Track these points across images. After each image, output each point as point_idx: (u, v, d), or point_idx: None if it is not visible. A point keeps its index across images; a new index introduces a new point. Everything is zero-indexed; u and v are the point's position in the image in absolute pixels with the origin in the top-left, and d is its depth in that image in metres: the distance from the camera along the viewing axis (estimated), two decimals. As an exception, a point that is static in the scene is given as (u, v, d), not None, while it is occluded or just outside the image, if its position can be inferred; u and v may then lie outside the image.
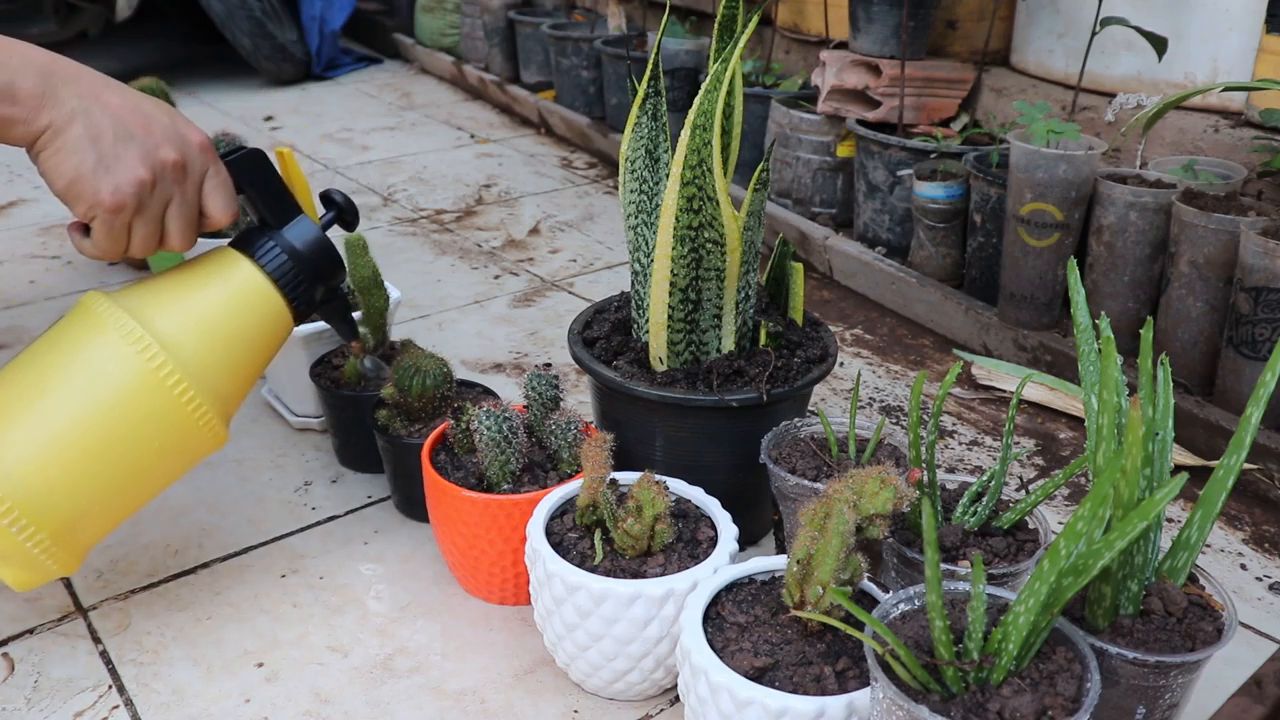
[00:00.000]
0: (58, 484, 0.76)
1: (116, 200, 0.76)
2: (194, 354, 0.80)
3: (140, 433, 0.79)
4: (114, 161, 0.75)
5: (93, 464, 0.78)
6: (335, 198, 0.91)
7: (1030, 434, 1.26)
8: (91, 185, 0.75)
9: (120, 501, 0.81)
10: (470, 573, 0.95)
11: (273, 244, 0.85)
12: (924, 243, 1.56)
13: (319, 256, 0.86)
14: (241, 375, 0.85)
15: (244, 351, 0.84)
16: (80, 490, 0.78)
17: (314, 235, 0.86)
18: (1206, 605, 0.70)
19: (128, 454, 0.79)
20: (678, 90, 2.13)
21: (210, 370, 0.81)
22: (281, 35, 2.93)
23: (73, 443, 0.77)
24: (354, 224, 0.92)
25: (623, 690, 0.83)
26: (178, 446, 0.82)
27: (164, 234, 0.81)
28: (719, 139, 0.86)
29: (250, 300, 0.84)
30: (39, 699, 0.85)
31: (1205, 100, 1.44)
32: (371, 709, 0.84)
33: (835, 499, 0.67)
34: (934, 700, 0.60)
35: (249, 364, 0.85)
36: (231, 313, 0.83)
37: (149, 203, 0.78)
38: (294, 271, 0.85)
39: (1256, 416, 0.67)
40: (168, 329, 0.80)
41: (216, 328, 0.82)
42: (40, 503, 0.76)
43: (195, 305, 0.82)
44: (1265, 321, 1.12)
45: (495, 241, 1.86)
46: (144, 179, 0.76)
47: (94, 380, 0.78)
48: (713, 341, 0.97)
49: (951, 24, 1.78)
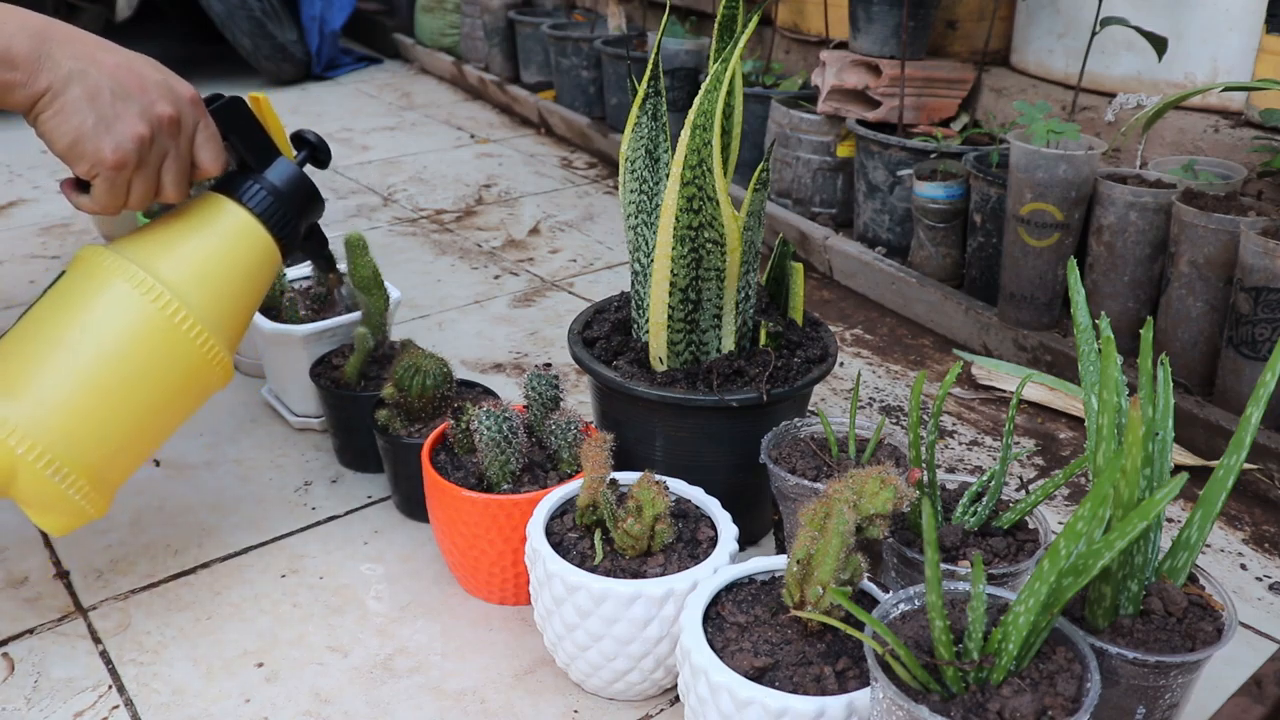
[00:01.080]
0: (89, 430, 0.81)
1: (119, 158, 0.78)
2: (198, 294, 0.85)
3: (158, 373, 0.84)
4: (114, 120, 0.78)
5: (118, 407, 0.82)
6: (308, 137, 0.96)
7: (1030, 434, 1.26)
8: (94, 144, 0.77)
9: (144, 440, 0.86)
10: (470, 573, 0.95)
11: (256, 185, 0.90)
12: (924, 243, 1.56)
13: (300, 193, 0.92)
14: (241, 310, 0.90)
15: (241, 288, 0.89)
16: (109, 433, 0.82)
17: (293, 173, 0.91)
18: (1206, 605, 0.70)
19: (148, 394, 0.84)
20: (678, 90, 2.13)
21: (214, 308, 0.86)
22: (281, 35, 2.93)
23: (97, 390, 0.81)
24: (327, 161, 0.97)
25: (623, 690, 0.83)
26: (192, 382, 0.87)
27: (160, 186, 0.84)
28: (719, 139, 0.86)
29: (241, 240, 0.88)
30: (39, 699, 0.85)
31: (1205, 100, 1.44)
32: (371, 709, 0.84)
33: (835, 499, 0.67)
34: (934, 700, 0.60)
35: (246, 299, 0.90)
36: (226, 253, 0.88)
37: (148, 158, 0.81)
38: (278, 209, 0.90)
39: (1256, 416, 0.67)
40: (171, 273, 0.84)
41: (214, 268, 0.87)
42: (76, 450, 0.80)
43: (192, 249, 0.86)
44: (1265, 321, 1.12)
45: (495, 241, 1.86)
46: (144, 135, 0.79)
47: (110, 328, 0.82)
48: (713, 341, 0.97)
49: (951, 24, 1.78)
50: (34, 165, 2.23)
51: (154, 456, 1.17)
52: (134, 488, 1.11)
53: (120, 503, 1.09)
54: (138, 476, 1.13)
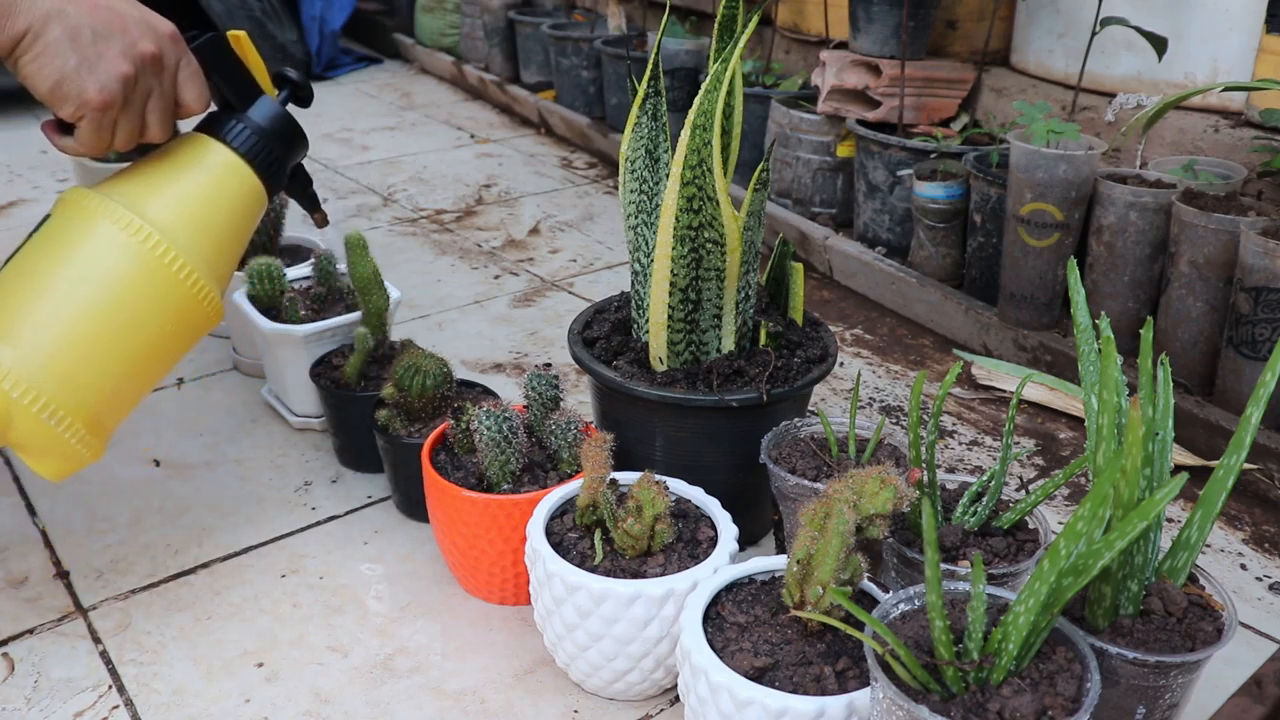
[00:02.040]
0: (84, 373, 0.81)
1: (104, 98, 0.77)
2: (186, 234, 0.84)
3: (150, 313, 0.83)
4: (96, 60, 0.77)
5: (111, 349, 0.82)
6: (289, 75, 0.95)
7: (1030, 434, 1.26)
8: (77, 85, 0.76)
9: (139, 382, 0.86)
10: (470, 573, 0.95)
11: (240, 125, 0.89)
12: (924, 243, 1.56)
13: (284, 131, 0.91)
14: (229, 250, 0.90)
15: (229, 227, 0.89)
16: (104, 376, 0.82)
17: (276, 112, 0.91)
18: (1206, 605, 0.70)
19: (141, 335, 0.83)
20: (678, 90, 2.13)
21: (202, 247, 0.86)
22: (281, 35, 2.93)
23: (90, 332, 0.81)
24: (309, 99, 0.96)
25: (623, 690, 0.83)
26: (184, 322, 0.86)
27: (144, 126, 0.82)
28: (719, 139, 0.86)
29: (228, 179, 0.88)
30: (39, 699, 0.85)
31: (1205, 100, 1.44)
32: (371, 709, 0.84)
33: (835, 499, 0.67)
34: (934, 700, 0.60)
35: (235, 238, 0.90)
36: (213, 192, 0.87)
37: (133, 97, 0.80)
38: (263, 148, 0.90)
39: (1256, 416, 0.67)
40: (158, 214, 0.83)
41: (202, 208, 0.86)
42: (71, 394, 0.80)
43: (179, 189, 0.86)
44: (1265, 321, 1.12)
45: (495, 241, 1.86)
46: (128, 74, 0.78)
47: (99, 270, 0.81)
48: (713, 341, 0.97)
49: (951, 24, 1.78)
50: (34, 165, 2.23)
51: (154, 456, 1.17)
52: (134, 488, 1.11)
53: (120, 503, 1.09)
54: (138, 476, 1.13)
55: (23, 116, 2.62)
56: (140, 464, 1.15)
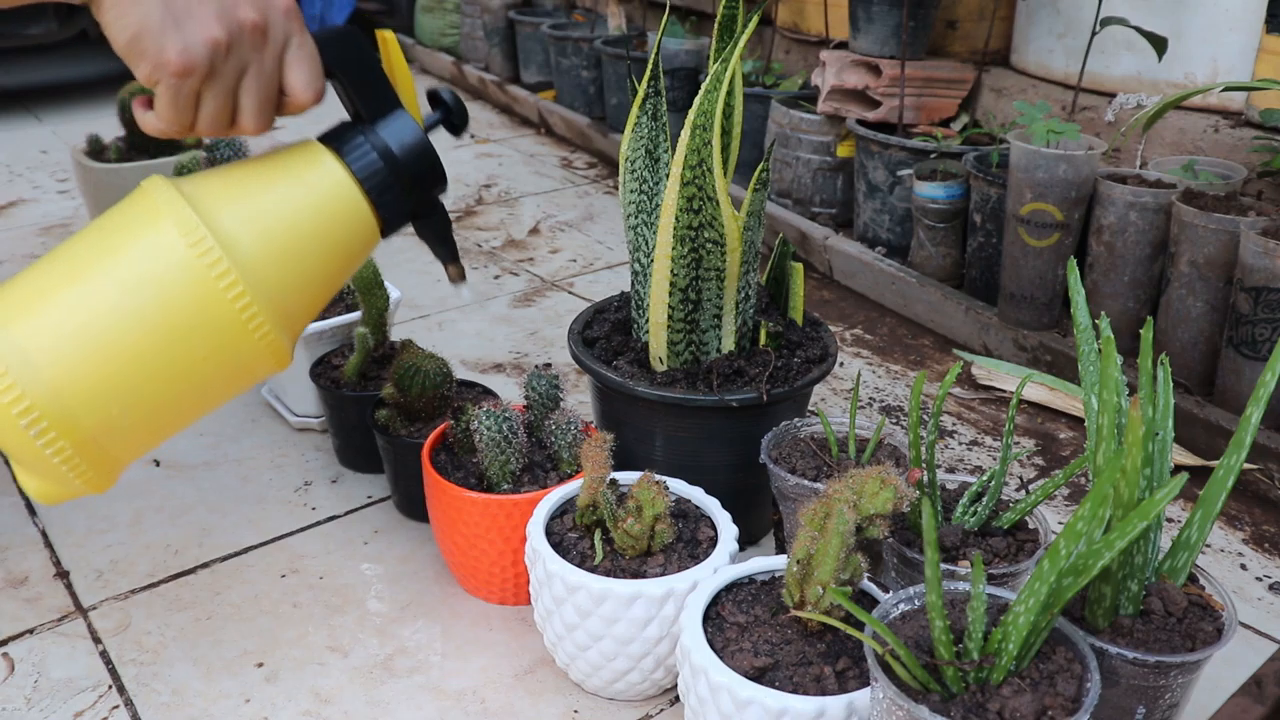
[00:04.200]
0: (85, 385, 0.67)
1: (185, 61, 0.65)
2: (257, 257, 0.70)
3: (185, 340, 0.69)
4: (185, 17, 0.65)
5: (127, 368, 0.68)
6: (444, 97, 0.79)
7: (1030, 434, 1.26)
8: (157, 42, 0.65)
9: (159, 416, 0.72)
10: (470, 573, 0.95)
11: (364, 141, 0.73)
12: (924, 243, 1.56)
13: (417, 161, 0.74)
14: (312, 289, 0.73)
15: (318, 261, 0.73)
16: (111, 396, 0.68)
17: (414, 136, 0.74)
18: (1206, 605, 0.70)
19: (169, 362, 0.69)
20: (678, 90, 2.13)
21: (274, 278, 0.70)
22: (281, 35, 2.92)
23: (107, 340, 0.67)
24: (462, 128, 0.80)
25: (623, 690, 0.83)
26: (230, 363, 0.71)
27: (236, 110, 0.70)
28: (719, 139, 0.86)
29: (332, 204, 0.72)
30: (39, 699, 0.85)
31: (1205, 100, 1.44)
32: (371, 709, 0.84)
33: (835, 499, 0.67)
34: (934, 700, 0.60)
35: (323, 276, 0.74)
36: (307, 215, 0.72)
37: (222, 69, 0.67)
38: (386, 176, 0.73)
39: (1256, 416, 0.67)
40: (231, 225, 0.69)
41: (287, 230, 0.71)
42: (64, 405, 0.67)
43: (266, 202, 0.71)
44: (1265, 321, 1.12)
45: (495, 241, 1.86)
46: (218, 39, 0.66)
47: (141, 276, 0.68)
48: (713, 341, 0.97)
49: (951, 24, 1.78)
50: (34, 165, 2.23)
51: (154, 456, 1.17)
52: (134, 488, 1.11)
53: (120, 503, 1.09)
54: (138, 476, 1.13)
55: (23, 116, 2.62)
56: (140, 464, 1.15)
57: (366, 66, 0.74)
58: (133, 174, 1.57)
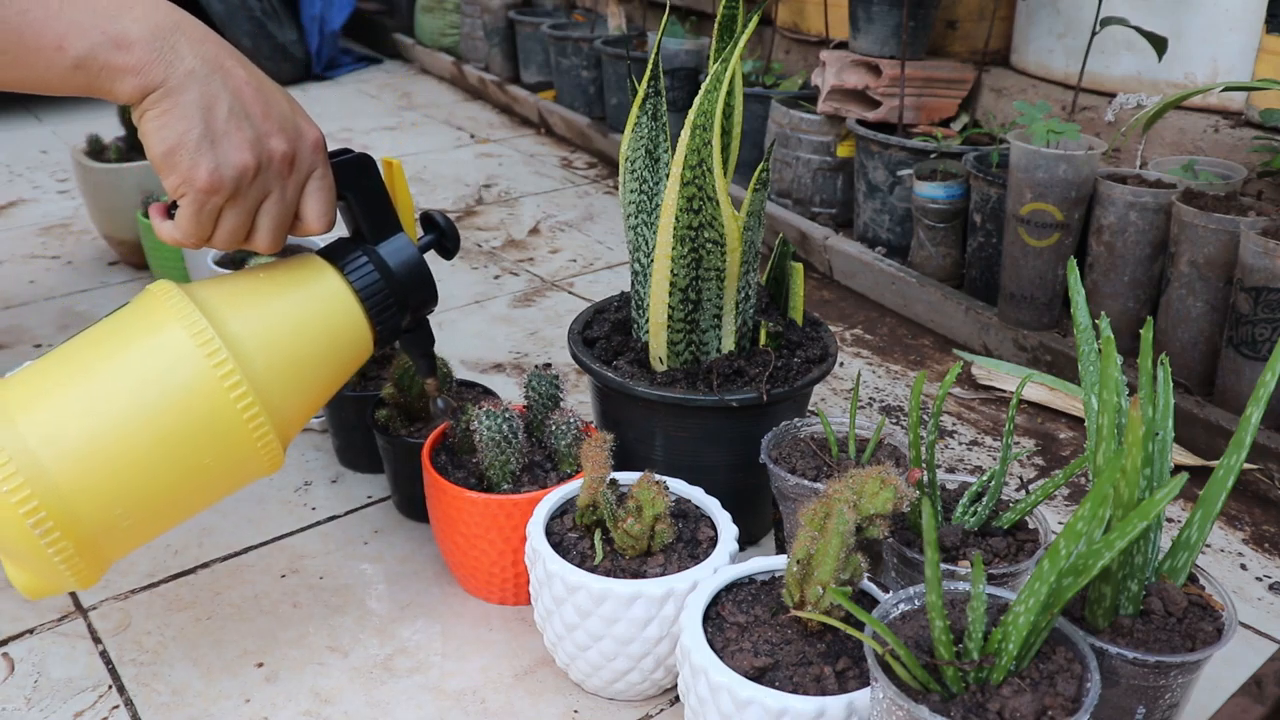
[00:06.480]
0: (93, 488, 0.69)
1: (213, 180, 0.69)
2: (263, 364, 0.73)
3: (191, 442, 0.71)
4: (221, 138, 0.69)
5: (134, 470, 0.70)
6: (437, 219, 0.85)
7: (1030, 434, 1.26)
8: (191, 158, 0.68)
9: (156, 517, 0.74)
10: (470, 573, 0.95)
11: (365, 259, 0.78)
12: (924, 243, 1.56)
13: (413, 279, 0.80)
14: (310, 395, 0.77)
15: (316, 370, 0.76)
16: (117, 498, 0.70)
17: (410, 256, 0.80)
18: (1206, 605, 0.70)
19: (174, 465, 0.71)
20: (678, 90, 2.13)
21: (278, 384, 0.74)
22: (281, 35, 2.93)
23: (116, 444, 0.69)
24: (454, 251, 0.86)
25: (623, 690, 0.83)
26: (229, 464, 0.74)
27: (252, 229, 0.74)
28: (719, 139, 0.86)
29: (332, 316, 0.77)
30: (39, 699, 0.85)
31: (1205, 100, 1.44)
32: (371, 709, 0.84)
33: (835, 499, 0.67)
34: (934, 700, 0.60)
35: (319, 385, 0.78)
36: (310, 326, 0.76)
37: (246, 192, 0.71)
38: (384, 292, 0.78)
39: (1256, 416, 0.67)
40: (239, 331, 0.72)
41: (291, 339, 0.74)
42: (71, 507, 0.68)
43: (272, 311, 0.74)
44: (1265, 321, 1.12)
45: (495, 241, 1.86)
46: (248, 164, 0.70)
47: (148, 376, 0.70)
48: (713, 341, 0.97)
49: (951, 24, 1.78)
50: (34, 165, 2.23)
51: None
52: (134, 488, 1.11)
53: (120, 503, 1.09)
54: (138, 476, 1.13)
55: (23, 116, 2.62)
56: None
57: (373, 191, 0.79)
58: (133, 174, 1.56)
